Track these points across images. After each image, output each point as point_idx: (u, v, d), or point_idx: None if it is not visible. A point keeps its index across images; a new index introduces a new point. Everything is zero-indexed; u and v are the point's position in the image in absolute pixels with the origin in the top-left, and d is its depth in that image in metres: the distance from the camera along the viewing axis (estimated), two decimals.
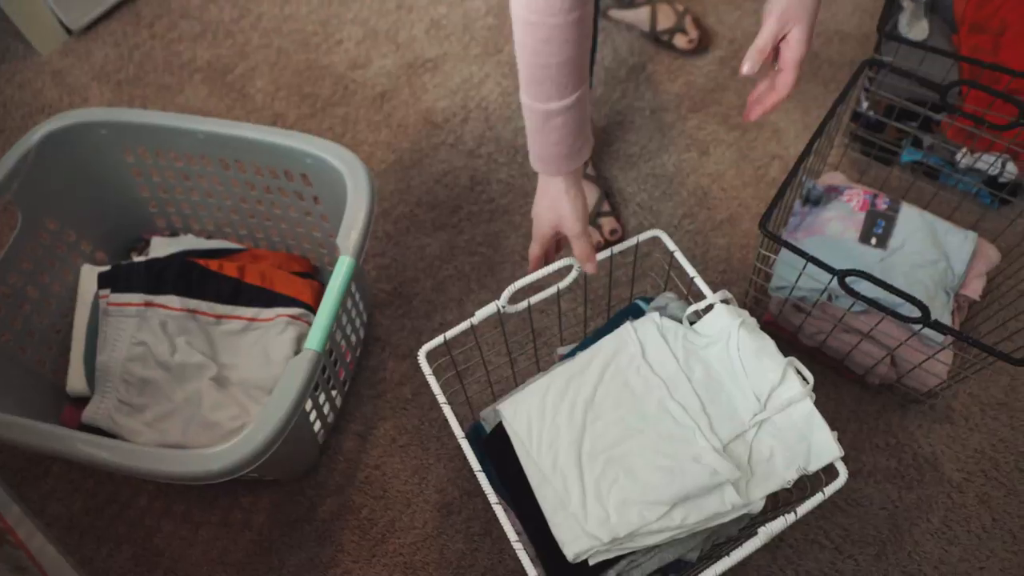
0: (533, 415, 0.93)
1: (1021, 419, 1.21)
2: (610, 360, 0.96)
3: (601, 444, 0.91)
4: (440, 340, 0.96)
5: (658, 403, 0.93)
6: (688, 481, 0.86)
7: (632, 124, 1.52)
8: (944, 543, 1.13)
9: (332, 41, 1.67)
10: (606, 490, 0.88)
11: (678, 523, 0.85)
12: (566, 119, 0.82)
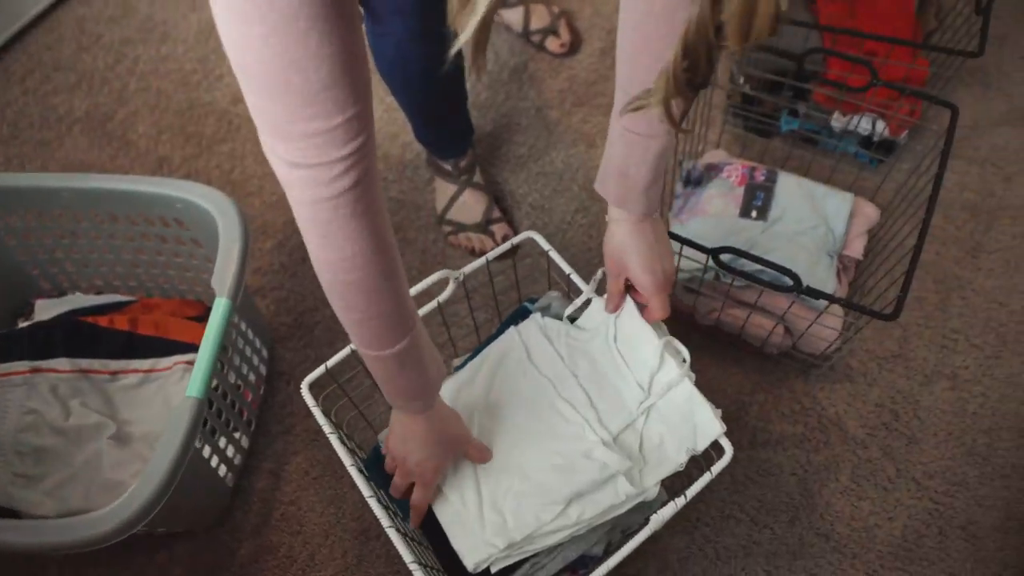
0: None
1: (915, 368, 1.24)
2: (497, 366, 0.97)
3: (495, 451, 0.91)
4: (322, 370, 0.95)
5: (548, 403, 0.93)
6: (580, 478, 0.86)
7: (519, 125, 1.52)
8: (854, 499, 1.15)
9: (212, 77, 1.65)
10: (502, 496, 0.88)
11: (575, 520, 0.86)
12: (415, 355, 0.75)
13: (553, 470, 0.88)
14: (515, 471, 0.89)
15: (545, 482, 0.87)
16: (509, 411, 0.93)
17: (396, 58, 1.14)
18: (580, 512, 0.86)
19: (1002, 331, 1.27)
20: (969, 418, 1.20)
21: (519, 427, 0.92)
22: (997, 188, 1.41)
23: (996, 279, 1.32)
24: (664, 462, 0.90)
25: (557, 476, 0.87)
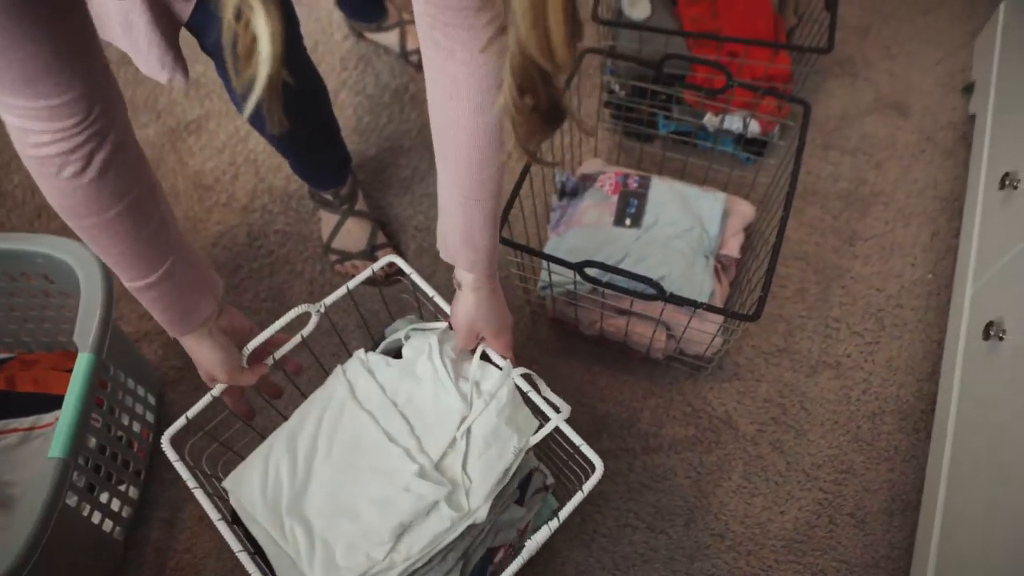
0: (256, 482, 0.90)
1: (801, 360, 1.27)
2: (324, 408, 0.94)
3: (325, 494, 0.89)
4: (183, 421, 0.93)
5: (371, 439, 0.91)
6: (401, 511, 0.85)
7: (401, 147, 1.52)
8: (746, 496, 1.17)
9: None
10: (333, 539, 0.86)
11: (405, 555, 0.84)
12: (160, 292, 0.78)
13: (377, 507, 0.86)
14: (346, 512, 0.87)
15: (371, 521, 0.86)
16: (337, 451, 0.91)
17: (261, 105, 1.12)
18: (410, 546, 0.84)
19: (880, 316, 1.31)
20: (853, 405, 1.23)
21: (348, 466, 0.90)
22: (869, 175, 1.45)
23: (872, 265, 1.35)
24: (488, 474, 0.87)
25: (379, 512, 0.86)
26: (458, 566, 0.88)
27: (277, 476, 0.90)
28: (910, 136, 1.50)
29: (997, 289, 1.11)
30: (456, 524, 0.85)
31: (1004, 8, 1.44)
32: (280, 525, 0.87)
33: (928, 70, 1.58)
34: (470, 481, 0.87)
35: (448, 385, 0.91)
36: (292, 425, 0.94)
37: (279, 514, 0.88)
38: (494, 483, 0.86)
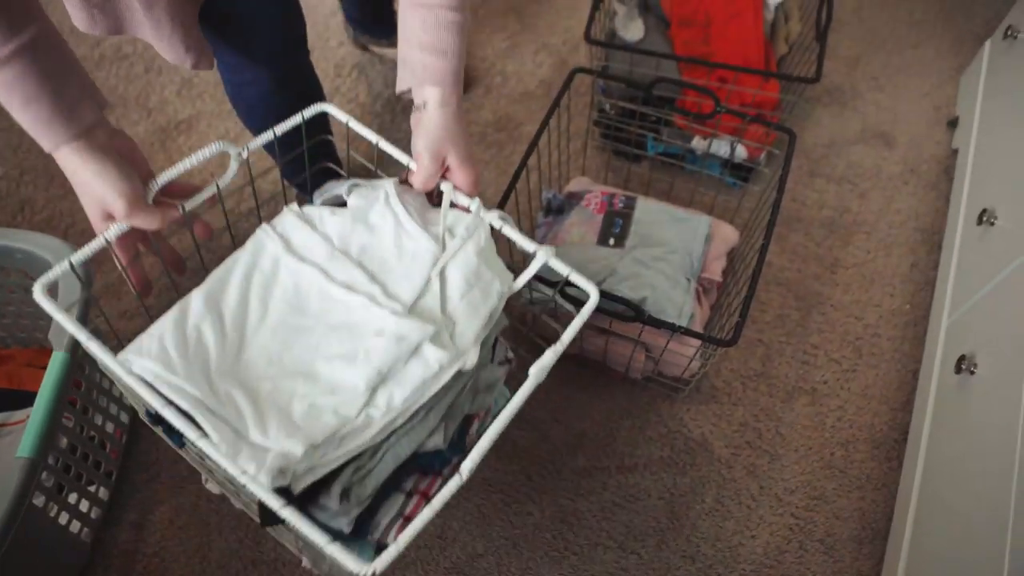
0: (171, 347, 0.73)
1: (778, 385, 1.28)
2: (252, 268, 0.81)
3: (265, 359, 0.75)
4: (65, 267, 0.74)
5: (319, 293, 0.79)
6: (376, 358, 0.73)
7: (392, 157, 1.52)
8: (719, 520, 1.17)
9: None
10: (286, 404, 0.72)
11: (385, 407, 0.72)
12: (18, 73, 0.64)
13: (341, 361, 0.74)
14: (295, 373, 0.74)
15: (335, 377, 0.73)
16: (276, 313, 0.77)
17: (260, 106, 1.13)
18: (389, 397, 0.72)
19: (858, 344, 1.32)
20: (828, 432, 1.24)
21: (290, 327, 0.76)
22: (853, 204, 1.46)
23: (853, 294, 1.37)
24: (475, 314, 0.77)
25: (347, 366, 0.73)
26: (441, 427, 0.76)
27: (199, 342, 0.73)
28: (895, 167, 1.52)
29: (971, 323, 1.12)
30: (445, 368, 0.73)
31: (989, 47, 1.46)
32: (211, 390, 0.71)
33: (915, 103, 1.60)
34: (454, 323, 0.76)
35: (414, 230, 0.80)
36: (210, 287, 0.78)
37: (207, 379, 0.71)
38: (480, 326, 0.76)
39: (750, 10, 1.40)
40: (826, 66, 1.66)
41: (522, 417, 1.25)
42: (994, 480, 0.88)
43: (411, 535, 0.60)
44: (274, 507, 0.61)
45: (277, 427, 0.69)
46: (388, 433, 0.72)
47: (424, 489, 0.79)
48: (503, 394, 0.90)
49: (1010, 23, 1.37)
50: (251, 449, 0.67)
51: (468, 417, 0.82)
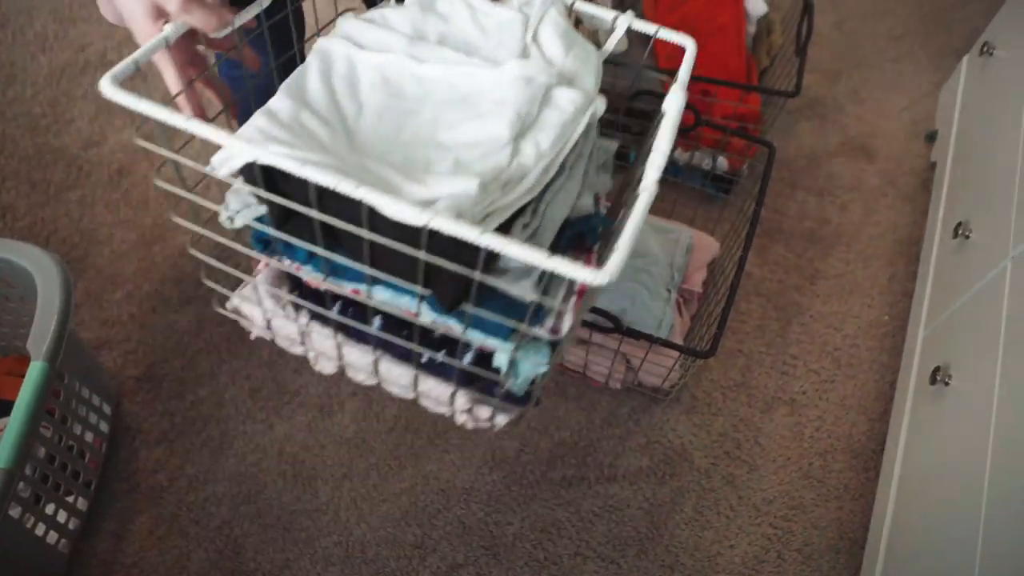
0: (279, 134, 0.62)
1: (757, 395, 1.29)
2: (327, 72, 0.70)
3: (382, 141, 0.67)
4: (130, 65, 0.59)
5: (412, 77, 0.70)
6: (510, 102, 0.66)
7: None
8: (697, 529, 1.18)
9: (63, 121, 1.60)
10: (423, 168, 0.64)
11: (535, 154, 0.65)
12: None
13: (471, 122, 0.66)
14: (425, 146, 0.66)
15: (470, 136, 0.66)
16: (368, 105, 0.69)
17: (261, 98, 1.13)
18: (536, 144, 0.65)
19: (837, 355, 1.33)
20: (806, 442, 1.25)
21: (393, 112, 0.68)
22: (833, 216, 1.48)
23: (832, 305, 1.38)
24: (585, 66, 0.71)
25: (480, 122, 0.66)
26: (586, 186, 0.71)
27: (304, 128, 0.64)
28: (874, 179, 1.53)
29: (946, 336, 1.14)
30: (580, 110, 0.67)
31: (967, 62, 1.48)
32: (344, 165, 0.61)
33: (894, 116, 1.62)
34: (568, 78, 0.70)
35: (489, 7, 0.73)
36: (288, 91, 0.67)
37: (332, 155, 0.62)
38: (594, 75, 0.71)
39: (733, 24, 1.42)
40: (807, 79, 1.68)
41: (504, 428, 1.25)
42: (965, 491, 0.89)
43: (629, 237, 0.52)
44: (470, 237, 0.50)
45: (435, 180, 0.60)
46: (544, 187, 0.65)
47: (584, 261, 0.68)
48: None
49: (986, 40, 1.39)
50: (415, 186, 0.59)
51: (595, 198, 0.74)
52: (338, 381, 1.29)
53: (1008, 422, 0.86)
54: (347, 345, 0.74)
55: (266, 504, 1.19)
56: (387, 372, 0.75)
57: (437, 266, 0.56)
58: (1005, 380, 0.90)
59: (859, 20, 1.79)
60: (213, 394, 1.28)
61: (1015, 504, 0.80)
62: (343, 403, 1.28)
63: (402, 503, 1.19)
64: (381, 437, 1.25)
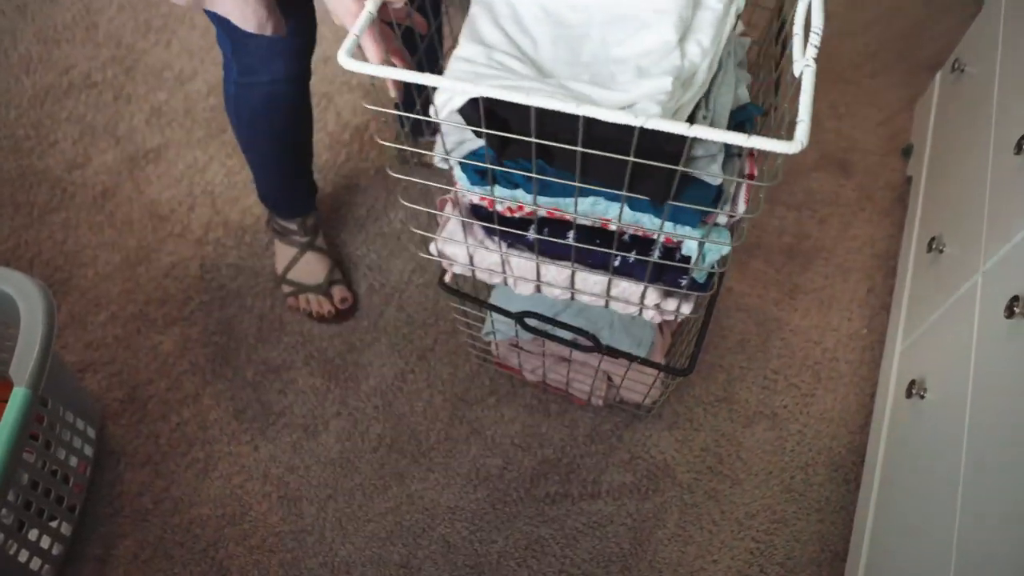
0: (485, 70, 0.72)
1: (738, 410, 1.30)
2: (494, 15, 0.78)
3: (566, 65, 0.75)
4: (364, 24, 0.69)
5: (567, 6, 0.78)
6: (672, 13, 0.73)
7: (358, 186, 1.54)
8: (681, 545, 1.19)
9: (46, 143, 1.60)
10: (610, 80, 0.72)
11: (700, 51, 0.73)
12: None
13: (639, 33, 0.73)
14: (603, 63, 0.74)
15: (641, 46, 0.73)
16: (539, 36, 0.77)
17: (264, 105, 1.15)
18: (698, 43, 0.73)
19: (817, 368, 1.35)
20: (787, 456, 1.26)
21: (564, 39, 0.76)
22: (812, 231, 1.50)
23: (811, 318, 1.40)
24: None
25: (647, 31, 0.73)
26: (741, 85, 0.79)
27: (504, 65, 0.72)
28: (852, 194, 1.55)
29: (922, 349, 1.15)
30: (727, 7, 0.75)
31: (940, 78, 1.51)
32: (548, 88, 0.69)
33: (871, 131, 1.65)
34: None
35: None
36: (470, 38, 0.76)
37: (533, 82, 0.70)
38: None
39: None
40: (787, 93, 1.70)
41: (487, 445, 1.26)
42: (940, 504, 0.91)
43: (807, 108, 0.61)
44: (681, 130, 0.59)
45: (630, 85, 0.69)
46: (710, 79, 0.74)
47: (749, 171, 0.79)
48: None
49: (957, 56, 1.41)
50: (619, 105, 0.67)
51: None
52: (323, 400, 1.30)
53: (980, 436, 0.88)
54: (544, 264, 0.86)
55: (251, 526, 1.19)
56: (582, 283, 0.87)
57: (644, 166, 0.65)
58: (977, 395, 0.91)
59: (835, 37, 1.81)
60: (198, 416, 1.29)
61: (987, 519, 0.81)
62: (328, 423, 1.28)
63: (387, 523, 1.20)
64: (366, 457, 1.25)
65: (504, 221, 0.84)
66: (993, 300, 0.96)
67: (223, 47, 1.09)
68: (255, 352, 1.34)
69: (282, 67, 1.09)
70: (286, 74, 1.10)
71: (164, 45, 1.76)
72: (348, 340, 1.36)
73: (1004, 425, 0.84)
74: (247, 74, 1.10)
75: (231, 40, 1.05)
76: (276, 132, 1.21)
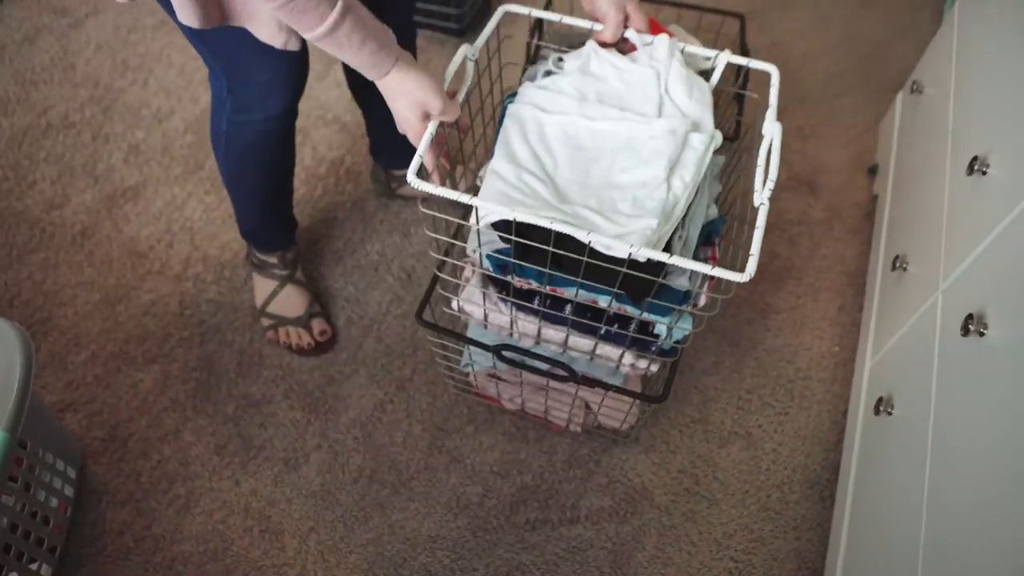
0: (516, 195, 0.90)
1: (714, 431, 1.32)
2: (523, 132, 0.97)
3: (578, 187, 0.93)
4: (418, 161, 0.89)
5: (587, 131, 0.96)
6: (664, 151, 0.91)
7: (335, 219, 1.56)
8: (660, 567, 1.20)
9: (25, 184, 1.62)
10: (615, 207, 0.90)
11: (682, 186, 0.90)
12: (351, 24, 0.83)
13: (637, 167, 0.92)
14: (606, 189, 0.91)
15: (638, 178, 0.91)
16: (560, 156, 0.95)
17: (256, 142, 1.17)
18: (681, 178, 0.90)
19: (790, 387, 1.37)
20: (763, 475, 1.28)
21: (579, 161, 0.94)
22: (783, 251, 1.53)
23: (784, 338, 1.42)
24: (704, 104, 0.97)
25: (645, 167, 0.91)
26: (712, 201, 0.99)
27: (529, 187, 0.91)
28: (820, 213, 1.59)
29: (889, 366, 1.18)
30: (707, 147, 0.92)
31: (900, 99, 1.54)
32: (563, 214, 0.88)
33: (837, 151, 1.68)
34: (694, 120, 0.95)
35: (628, 66, 0.98)
36: (502, 154, 0.95)
37: (550, 207, 0.88)
38: (710, 115, 0.96)
39: None
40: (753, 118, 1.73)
41: (467, 473, 1.27)
42: (907, 522, 0.93)
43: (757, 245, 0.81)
44: (664, 257, 0.79)
45: (625, 219, 0.87)
46: (687, 208, 0.92)
47: (711, 255, 1.01)
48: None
49: (915, 78, 1.45)
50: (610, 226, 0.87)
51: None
52: (303, 433, 1.31)
53: (942, 451, 0.90)
54: (545, 327, 1.05)
55: (233, 561, 1.20)
56: (574, 343, 1.07)
57: (629, 274, 0.84)
58: (939, 413, 0.94)
59: (800, 60, 1.86)
60: (179, 452, 1.29)
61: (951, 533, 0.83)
62: (308, 456, 1.29)
63: (369, 554, 1.21)
64: (346, 488, 1.26)
65: (516, 292, 1.02)
66: (952, 317, 0.98)
67: (216, 86, 1.11)
68: (235, 387, 1.35)
69: (278, 104, 1.11)
70: (281, 111, 1.13)
71: (141, 84, 1.78)
72: (327, 372, 1.37)
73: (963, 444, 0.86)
74: (242, 112, 1.12)
75: (227, 78, 1.07)
76: (264, 167, 1.24)
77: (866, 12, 1.98)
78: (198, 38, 1.00)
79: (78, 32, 1.90)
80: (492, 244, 0.97)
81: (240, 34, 0.96)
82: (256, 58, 1.02)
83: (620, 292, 0.90)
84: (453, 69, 0.94)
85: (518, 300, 1.01)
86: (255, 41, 0.96)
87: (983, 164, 1.01)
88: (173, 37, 1.89)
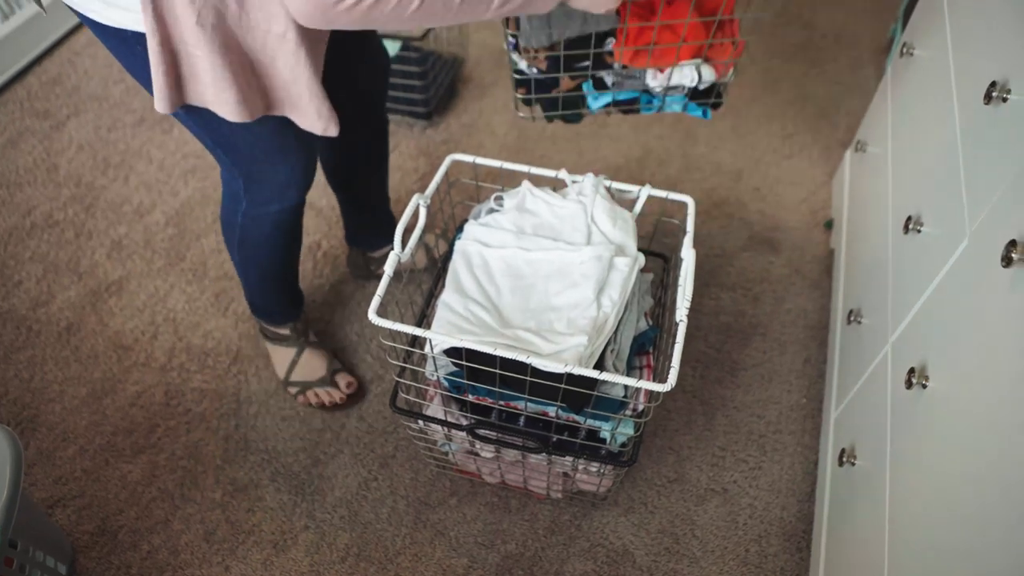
0: (465, 326, 1.03)
1: (690, 489, 1.36)
2: (470, 266, 1.11)
3: (520, 313, 1.06)
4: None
5: (525, 262, 1.11)
6: (592, 275, 1.05)
7: (314, 302, 1.61)
8: None
9: (11, 284, 1.66)
10: (552, 327, 1.04)
11: (611, 304, 1.04)
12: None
13: (570, 290, 1.05)
14: (544, 312, 1.05)
15: (571, 300, 1.05)
16: (502, 286, 1.09)
17: (271, 232, 1.24)
18: (609, 297, 1.04)
19: (762, 442, 1.41)
20: (741, 529, 1.31)
21: (519, 289, 1.08)
22: (747, 308, 1.59)
23: (754, 393, 1.47)
24: (627, 236, 1.12)
25: (575, 290, 1.05)
26: (641, 315, 1.14)
27: (476, 316, 1.04)
28: (781, 270, 1.65)
29: (850, 417, 1.22)
30: (631, 268, 1.07)
31: (849, 156, 1.63)
32: (508, 338, 1.01)
33: (794, 209, 1.76)
34: (619, 245, 1.10)
35: (559, 202, 1.14)
36: (451, 287, 1.09)
37: (494, 333, 1.02)
38: (633, 241, 1.11)
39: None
40: (712, 181, 1.82)
41: (451, 545, 1.30)
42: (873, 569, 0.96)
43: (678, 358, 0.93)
44: (594, 375, 0.91)
45: (560, 338, 1.00)
46: (617, 323, 1.05)
47: (647, 364, 1.15)
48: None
49: (859, 137, 1.54)
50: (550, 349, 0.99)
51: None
52: (290, 515, 1.34)
53: (900, 502, 0.94)
54: (503, 447, 1.14)
55: None
56: (529, 459, 1.18)
57: (569, 389, 0.97)
58: (894, 462, 0.98)
59: (753, 122, 1.95)
60: (168, 541, 1.31)
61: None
62: (296, 537, 1.32)
63: None
64: (334, 568, 1.28)
65: (474, 407, 1.13)
66: (900, 370, 1.04)
67: (231, 183, 1.16)
68: (222, 473, 1.38)
69: (294, 195, 1.18)
70: (296, 202, 1.20)
71: (122, 180, 1.85)
72: (312, 454, 1.40)
73: (918, 494, 0.90)
74: (260, 205, 1.18)
75: (244, 176, 1.13)
76: (278, 252, 1.31)
77: (816, 73, 2.09)
78: (214, 142, 1.06)
79: (60, 133, 1.98)
80: (448, 367, 1.09)
81: (258, 136, 1.03)
82: (273, 157, 1.10)
83: (561, 405, 1.01)
84: (407, 215, 1.05)
85: (476, 416, 1.12)
86: (273, 143, 1.04)
87: (916, 223, 1.08)
88: (152, 134, 1.97)
